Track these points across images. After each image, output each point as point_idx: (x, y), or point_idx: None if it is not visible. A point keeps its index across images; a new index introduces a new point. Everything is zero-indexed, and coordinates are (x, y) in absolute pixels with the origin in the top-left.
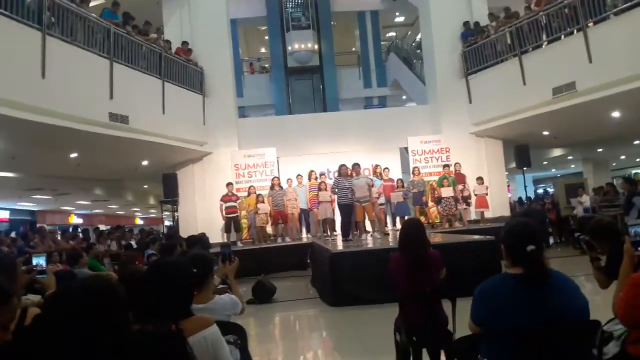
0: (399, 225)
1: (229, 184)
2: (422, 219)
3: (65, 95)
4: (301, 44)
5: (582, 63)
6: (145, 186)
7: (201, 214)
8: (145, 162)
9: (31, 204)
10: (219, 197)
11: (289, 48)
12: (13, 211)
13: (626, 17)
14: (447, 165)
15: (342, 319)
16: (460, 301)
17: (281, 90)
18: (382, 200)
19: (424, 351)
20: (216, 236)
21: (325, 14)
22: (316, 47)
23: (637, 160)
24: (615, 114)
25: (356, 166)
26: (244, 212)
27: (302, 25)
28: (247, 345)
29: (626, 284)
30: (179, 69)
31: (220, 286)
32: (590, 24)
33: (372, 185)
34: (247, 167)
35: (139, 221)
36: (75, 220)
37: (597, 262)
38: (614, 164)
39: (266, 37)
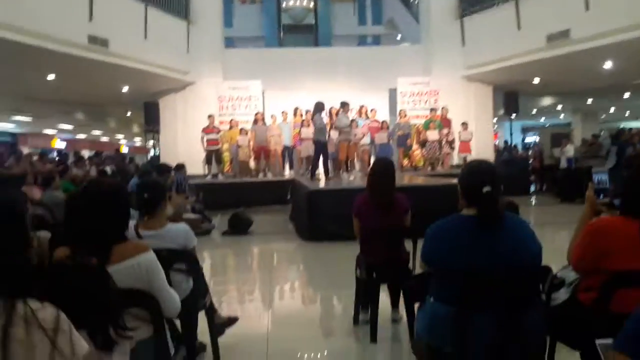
0: None
1: (210, 116)
2: (406, 161)
3: (40, 13)
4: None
5: (578, 10)
6: (129, 113)
7: (183, 144)
8: (126, 89)
9: (11, 126)
10: (201, 128)
11: (283, 4)
12: None
13: None
14: (434, 109)
15: (314, 253)
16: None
17: (272, 22)
18: (366, 140)
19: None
20: (197, 168)
21: None
22: (312, 4)
23: (627, 113)
24: (608, 65)
25: (345, 105)
26: (226, 145)
27: None
28: (200, 273)
29: (582, 230)
30: None
31: (194, 216)
32: None
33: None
34: (231, 100)
35: (124, 149)
36: (58, 144)
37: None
38: (603, 116)
39: None
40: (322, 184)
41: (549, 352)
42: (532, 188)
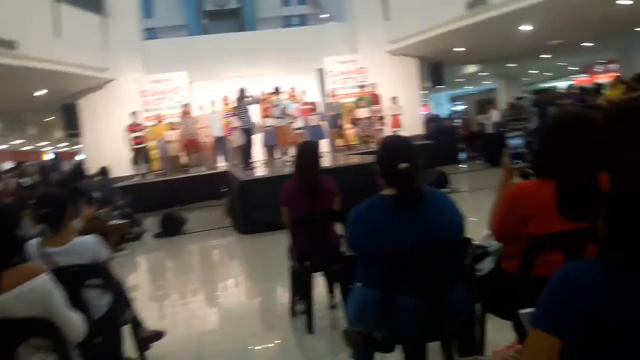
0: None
1: (133, 113)
2: (340, 141)
3: None
4: None
5: None
6: (49, 118)
7: (108, 145)
8: (40, 92)
9: None
10: (125, 126)
11: None
12: None
13: None
14: (363, 86)
15: (251, 246)
16: None
17: (193, 9)
18: (299, 124)
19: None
20: (126, 169)
21: None
22: None
23: (545, 74)
24: (526, 27)
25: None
26: (153, 142)
27: None
28: (118, 286)
29: (502, 197)
30: None
31: (121, 222)
32: None
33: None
34: (155, 94)
35: (49, 156)
36: None
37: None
38: (524, 79)
39: None
40: (255, 173)
41: (480, 325)
42: (463, 156)
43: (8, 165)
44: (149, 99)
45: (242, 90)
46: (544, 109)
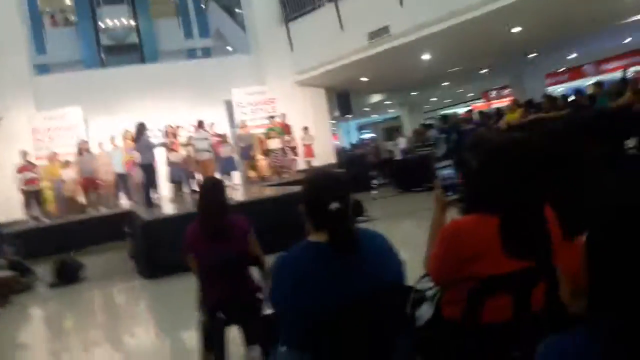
0: (228, 182)
1: (23, 153)
2: (253, 173)
3: None
4: (115, 20)
5: (394, 6)
6: None
7: None
8: None
9: None
10: (15, 168)
11: (101, 25)
12: None
13: None
14: (273, 117)
15: (156, 291)
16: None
17: (90, 43)
18: (207, 156)
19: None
20: (17, 213)
21: None
22: (132, 22)
23: (445, 101)
24: (426, 57)
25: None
26: (47, 183)
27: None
28: None
29: (437, 236)
30: None
31: (5, 274)
32: None
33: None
34: (47, 131)
35: None
36: None
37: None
38: (426, 107)
39: None
40: (159, 211)
41: None
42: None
43: None
44: (41, 137)
45: (141, 125)
46: (449, 135)
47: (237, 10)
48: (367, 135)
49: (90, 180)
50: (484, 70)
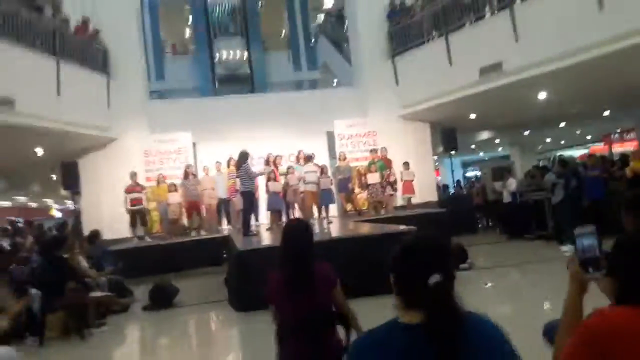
0: (324, 215)
1: (132, 174)
2: (349, 206)
3: None
4: (230, 52)
5: (508, 42)
6: (53, 176)
7: (108, 206)
8: (39, 150)
9: None
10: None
11: (217, 55)
12: None
13: None
14: (375, 150)
15: (244, 326)
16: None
17: (206, 72)
18: (307, 187)
19: None
20: (124, 231)
21: (255, 18)
22: (245, 54)
23: (562, 142)
24: (542, 95)
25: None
26: (154, 204)
27: (229, 32)
28: None
29: (574, 328)
30: (78, 48)
31: (101, 294)
32: (517, 1)
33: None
34: (158, 154)
35: (55, 213)
36: None
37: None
38: (540, 147)
39: (189, 18)
40: (255, 241)
41: None
42: (479, 225)
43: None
44: (151, 159)
45: (244, 153)
46: (568, 181)
47: (345, 45)
48: (472, 174)
49: (194, 203)
50: (606, 112)
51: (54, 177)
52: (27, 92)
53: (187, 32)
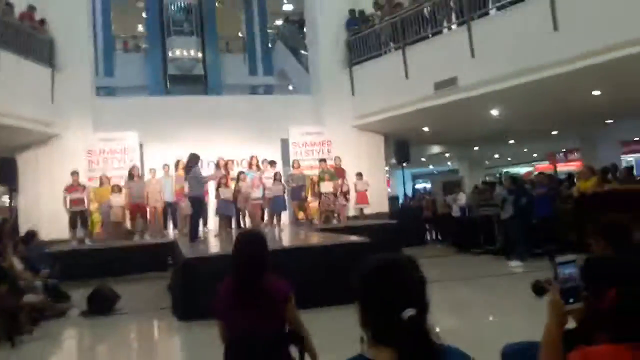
0: (275, 222)
1: (73, 173)
2: (301, 214)
3: None
4: (183, 51)
5: (464, 58)
6: None
7: (47, 206)
8: None
9: None
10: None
11: (169, 54)
12: None
13: (508, 13)
14: (324, 160)
15: (187, 336)
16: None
17: (157, 71)
18: (257, 194)
19: None
20: (63, 232)
21: (211, 18)
22: (200, 54)
23: (509, 159)
24: (494, 112)
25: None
26: (95, 205)
27: (184, 31)
28: None
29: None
30: (22, 36)
31: (36, 298)
32: (475, 18)
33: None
34: (102, 153)
35: None
36: None
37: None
38: (487, 163)
39: (143, 15)
40: (202, 248)
41: None
42: (428, 237)
43: None
44: (95, 159)
45: (193, 156)
46: (518, 197)
47: (302, 52)
48: (421, 186)
49: (139, 206)
50: (554, 132)
51: None
52: None
53: (140, 29)
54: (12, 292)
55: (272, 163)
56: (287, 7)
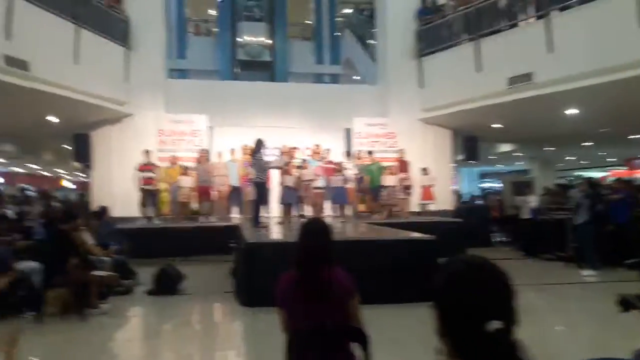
0: (336, 213)
1: (146, 151)
2: (362, 207)
3: None
4: (253, 37)
5: (541, 53)
6: (66, 146)
7: (118, 183)
8: (52, 118)
9: None
10: (136, 165)
11: (239, 40)
12: None
13: (590, 8)
14: (371, 152)
15: (249, 322)
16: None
17: (227, 56)
18: (320, 183)
19: None
20: (134, 210)
21: (281, 5)
22: (269, 41)
23: (582, 162)
24: (571, 111)
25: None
26: (164, 185)
27: (254, 17)
28: None
29: None
30: (99, 15)
31: (104, 274)
32: (554, 12)
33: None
34: (172, 134)
35: (65, 184)
36: None
37: None
38: (559, 164)
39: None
40: (264, 234)
41: None
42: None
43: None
44: (165, 139)
45: (259, 141)
46: (595, 202)
47: (370, 42)
48: (488, 185)
49: (205, 188)
50: (633, 136)
51: (67, 147)
52: (43, 56)
53: (212, 13)
54: (82, 266)
55: (348, 153)
56: None
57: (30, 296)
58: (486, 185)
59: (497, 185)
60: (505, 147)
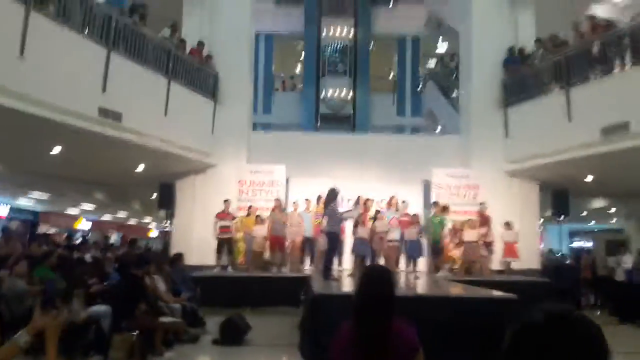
0: (410, 269)
1: (226, 201)
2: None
3: (46, 80)
4: (336, 90)
5: (638, 100)
6: (154, 196)
7: (198, 231)
8: (140, 168)
9: (30, 203)
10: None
11: (322, 94)
12: (13, 209)
13: None
14: (436, 203)
15: None
16: None
17: (310, 110)
18: (394, 236)
19: None
20: (210, 258)
21: (364, 60)
22: (351, 94)
23: None
24: None
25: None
26: (241, 234)
27: (338, 71)
28: None
29: None
30: (190, 70)
31: (170, 320)
32: None
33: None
34: (252, 184)
35: (153, 234)
36: (82, 225)
37: None
38: None
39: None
40: (334, 286)
41: None
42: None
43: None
44: (245, 189)
45: (332, 191)
46: None
47: (453, 90)
48: (578, 244)
49: (278, 238)
50: None
51: (154, 196)
52: (135, 108)
53: (298, 69)
54: (150, 312)
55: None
56: (441, 49)
57: (98, 339)
58: (576, 244)
59: (587, 244)
60: (598, 203)
